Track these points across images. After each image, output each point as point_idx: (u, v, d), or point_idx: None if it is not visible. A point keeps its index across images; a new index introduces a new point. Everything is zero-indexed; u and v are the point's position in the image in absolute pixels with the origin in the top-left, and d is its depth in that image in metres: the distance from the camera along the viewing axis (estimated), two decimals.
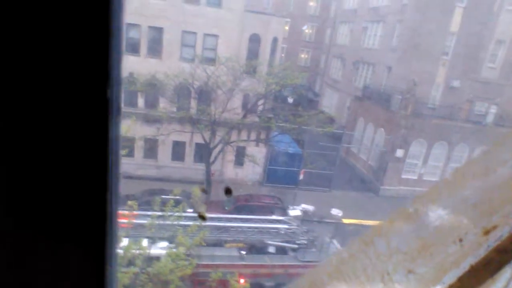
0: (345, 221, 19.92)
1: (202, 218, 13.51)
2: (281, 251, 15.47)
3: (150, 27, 20.86)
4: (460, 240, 0.66)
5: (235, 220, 15.27)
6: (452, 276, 0.66)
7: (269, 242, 15.31)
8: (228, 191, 16.54)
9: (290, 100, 26.50)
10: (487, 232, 0.65)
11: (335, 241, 16.64)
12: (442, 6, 25.00)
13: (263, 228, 15.38)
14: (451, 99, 25.81)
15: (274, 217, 16.24)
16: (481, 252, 0.64)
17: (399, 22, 27.67)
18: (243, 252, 14.53)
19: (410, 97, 24.09)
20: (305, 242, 15.62)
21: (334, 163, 24.15)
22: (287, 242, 15.53)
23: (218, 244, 14.65)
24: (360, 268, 0.75)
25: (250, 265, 14.06)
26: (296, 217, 17.02)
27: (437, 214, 0.70)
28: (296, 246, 15.52)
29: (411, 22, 26.20)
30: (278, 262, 14.76)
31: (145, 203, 14.27)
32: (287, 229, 15.61)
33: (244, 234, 14.93)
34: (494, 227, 0.64)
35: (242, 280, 13.07)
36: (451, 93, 26.56)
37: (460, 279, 0.66)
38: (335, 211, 20.53)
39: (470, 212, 0.68)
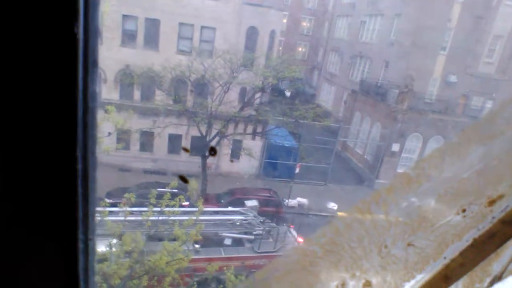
0: (340, 214, 19.94)
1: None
2: (237, 242, 15.11)
3: (147, 18, 20.66)
4: (463, 211, 0.61)
5: (189, 213, 14.28)
6: (454, 251, 0.62)
7: (225, 234, 14.88)
8: (212, 150, 16.24)
9: (287, 93, 26.42)
10: (492, 202, 0.60)
11: (292, 231, 16.29)
12: (441, 0, 24.93)
13: (218, 220, 14.89)
14: (447, 94, 25.83)
15: (230, 208, 15.79)
16: (485, 224, 0.60)
17: (397, 16, 27.57)
18: (197, 246, 13.99)
19: (407, 91, 24.08)
20: (262, 232, 15.24)
21: (330, 157, 24.16)
22: (243, 233, 15.17)
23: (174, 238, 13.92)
24: (356, 240, 0.70)
25: (205, 258, 13.56)
26: (252, 207, 16.43)
27: (439, 181, 0.65)
28: (252, 237, 15.19)
29: (409, 16, 26.10)
30: (234, 254, 14.40)
31: (141, 196, 14.20)
32: (243, 220, 15.15)
33: (154, 229, 13.67)
34: (500, 197, 0.60)
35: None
36: (448, 88, 26.58)
37: (462, 254, 0.62)
38: (331, 205, 20.57)
39: (474, 180, 0.63)
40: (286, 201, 19.98)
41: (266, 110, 21.19)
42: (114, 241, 11.60)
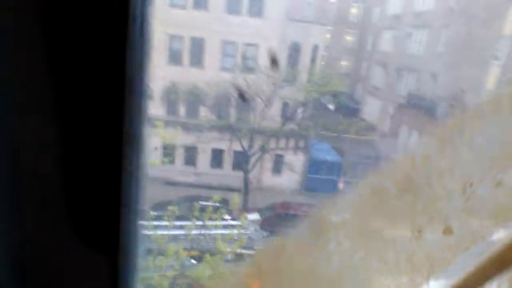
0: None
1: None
2: (238, 258, 14.05)
3: (192, 37, 21.46)
4: None
5: (184, 227, 13.68)
6: None
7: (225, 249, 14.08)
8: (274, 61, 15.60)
9: (331, 107, 26.18)
10: None
11: None
12: (493, 8, 23.76)
13: (216, 235, 13.50)
14: None
15: (230, 222, 14.78)
16: None
17: (445, 27, 26.60)
18: (194, 262, 13.22)
19: (457, 104, 23.01)
20: None
21: None
22: (243, 248, 13.95)
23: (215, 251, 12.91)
24: (436, 176, 0.58)
25: None
26: (253, 221, 15.76)
27: None
28: (253, 252, 14.09)
29: (458, 27, 25.10)
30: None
31: (184, 209, 14.54)
32: (242, 234, 14.27)
33: (195, 242, 13.45)
34: None
35: None
36: None
37: None
38: None
39: None
40: None
41: (308, 124, 21.10)
42: (157, 253, 11.95)
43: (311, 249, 0.70)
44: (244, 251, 14.62)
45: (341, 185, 21.45)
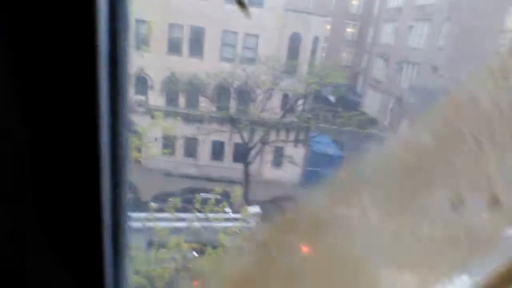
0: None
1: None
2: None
3: (192, 27, 21.14)
4: None
5: (186, 219, 13.53)
6: None
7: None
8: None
9: (332, 99, 26.07)
10: None
11: None
12: (495, 2, 23.69)
13: (217, 227, 13.26)
14: None
15: (230, 215, 14.70)
16: None
17: (447, 20, 26.52)
18: (195, 253, 13.01)
19: None
20: None
21: None
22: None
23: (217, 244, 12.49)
24: (485, 126, 0.45)
25: None
26: (254, 214, 15.60)
27: None
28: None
29: (460, 20, 25.03)
30: None
31: (186, 201, 14.41)
32: (242, 228, 13.93)
33: (197, 234, 13.27)
34: None
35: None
36: None
37: None
38: None
39: None
40: None
41: (308, 117, 20.97)
42: (158, 245, 11.82)
43: (328, 222, 0.54)
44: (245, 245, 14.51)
45: None
